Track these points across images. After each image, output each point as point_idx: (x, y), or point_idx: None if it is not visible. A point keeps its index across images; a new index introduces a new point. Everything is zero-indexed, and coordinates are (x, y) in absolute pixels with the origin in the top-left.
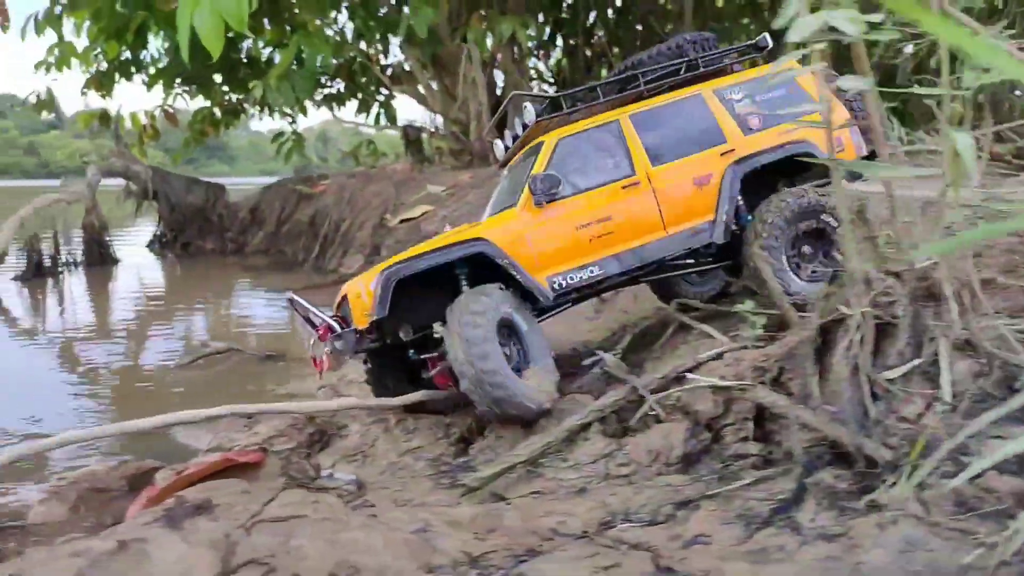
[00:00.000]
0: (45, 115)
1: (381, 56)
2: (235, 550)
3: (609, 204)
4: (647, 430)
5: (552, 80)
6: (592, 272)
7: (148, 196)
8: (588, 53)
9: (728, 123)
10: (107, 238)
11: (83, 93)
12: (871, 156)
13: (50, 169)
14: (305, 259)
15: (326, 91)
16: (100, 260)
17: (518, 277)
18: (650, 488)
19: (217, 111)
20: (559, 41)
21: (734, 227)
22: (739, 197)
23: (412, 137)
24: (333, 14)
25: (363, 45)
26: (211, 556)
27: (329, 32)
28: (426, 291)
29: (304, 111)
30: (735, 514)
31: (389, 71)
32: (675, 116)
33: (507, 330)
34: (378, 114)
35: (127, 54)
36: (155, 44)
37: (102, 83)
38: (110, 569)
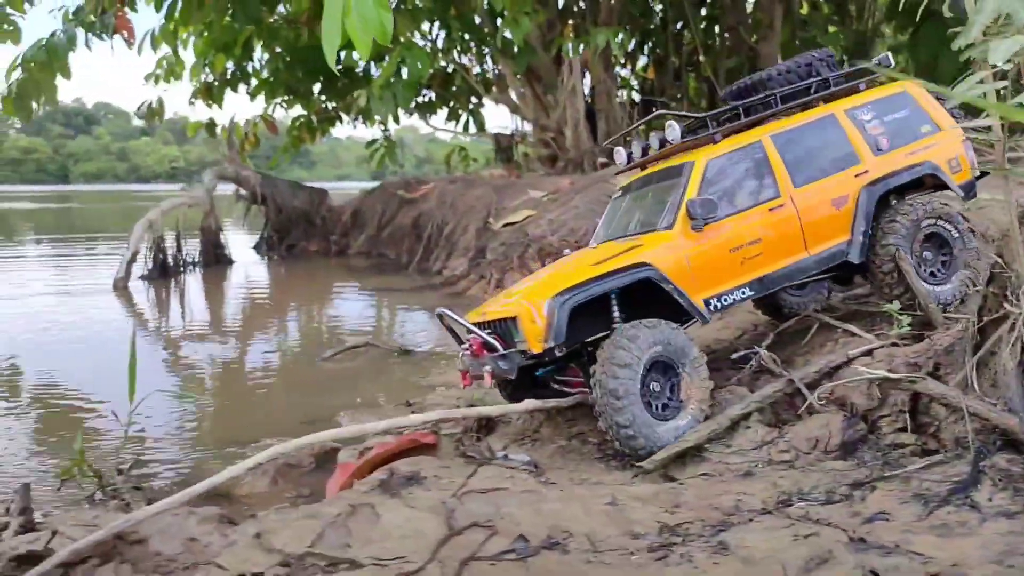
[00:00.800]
0: (156, 122)
1: (473, 66)
2: (454, 515)
3: (758, 226)
4: (805, 420)
5: (638, 88)
6: (744, 292)
7: (257, 200)
8: (676, 61)
9: (860, 144)
10: (223, 240)
11: (191, 103)
12: (983, 173)
13: (140, 174)
14: (409, 261)
15: (417, 100)
16: (216, 261)
17: (681, 301)
18: (815, 472)
19: (314, 119)
20: (645, 50)
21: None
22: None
23: (503, 144)
24: (426, 25)
25: (456, 55)
26: (435, 519)
27: (420, 42)
28: (578, 310)
29: (397, 119)
30: (911, 494)
31: (482, 80)
32: (812, 136)
33: (662, 366)
34: (467, 122)
35: (230, 65)
36: (258, 56)
37: (211, 94)
38: (347, 527)
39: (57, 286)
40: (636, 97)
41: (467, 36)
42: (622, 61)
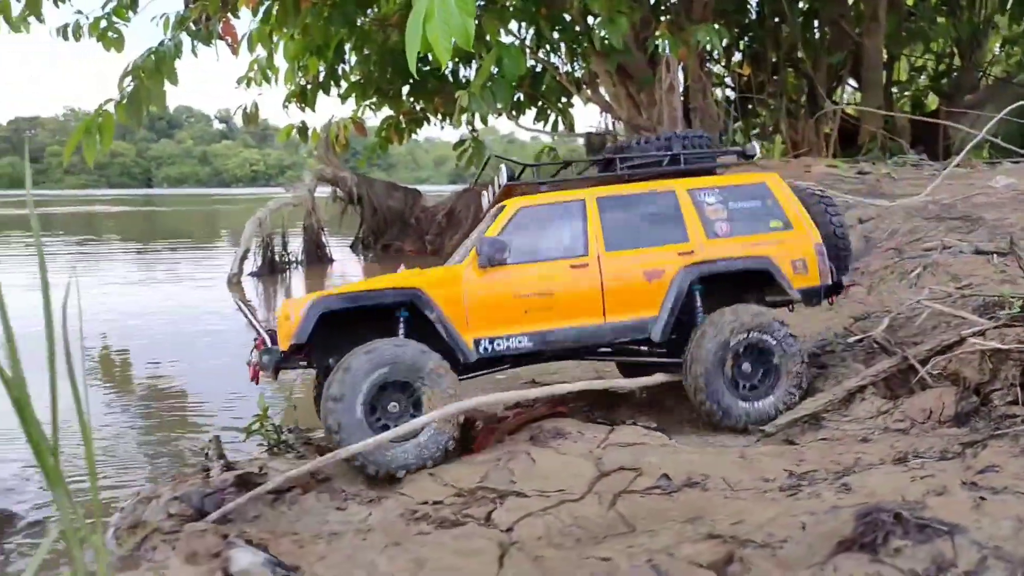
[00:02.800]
0: (252, 127)
1: (564, 64)
2: (602, 461)
3: (553, 279)
4: (919, 393)
5: (732, 85)
6: (520, 342)
7: (353, 201)
8: (774, 57)
9: (694, 224)
10: (323, 239)
11: (284, 107)
12: (837, 286)
13: (221, 178)
14: None
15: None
16: (318, 259)
17: (442, 333)
18: (930, 437)
19: (402, 120)
20: (741, 46)
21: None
22: (699, 300)
23: (596, 144)
24: (514, 24)
25: (545, 54)
26: (585, 463)
27: (507, 40)
28: (366, 325)
29: (485, 120)
30: (1021, 450)
31: (572, 79)
32: (643, 206)
33: (397, 385)
34: (555, 121)
35: (322, 69)
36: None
37: (304, 97)
38: (508, 469)
39: (177, 282)
40: (730, 95)
41: (558, 35)
42: (716, 57)
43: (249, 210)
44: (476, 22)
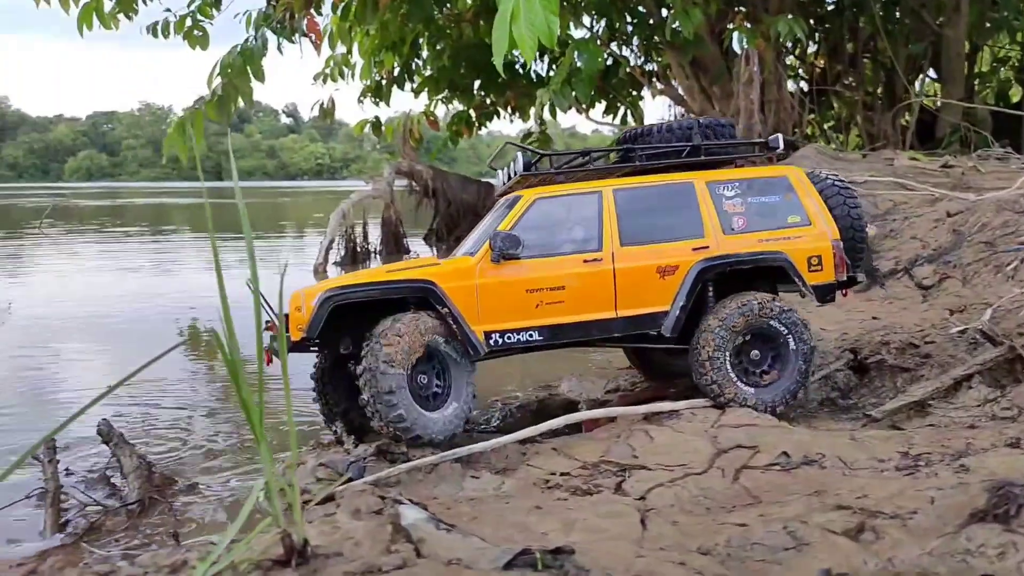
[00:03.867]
0: (328, 122)
1: (636, 57)
2: (718, 439)
3: (566, 274)
4: None
5: (806, 77)
6: (531, 336)
7: (428, 193)
8: (851, 48)
9: (710, 218)
10: (402, 230)
11: (359, 102)
12: (852, 280)
13: (287, 171)
14: None
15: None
16: (396, 249)
17: (454, 326)
18: None
19: (472, 114)
20: (816, 37)
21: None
22: (711, 291)
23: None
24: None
25: (617, 47)
26: (702, 440)
27: (577, 34)
28: (377, 312)
29: (554, 114)
30: None
31: (643, 72)
32: (661, 199)
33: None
34: (624, 115)
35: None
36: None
37: (379, 92)
38: (628, 445)
39: (267, 272)
40: (804, 87)
41: (631, 28)
42: (791, 48)
43: (317, 203)
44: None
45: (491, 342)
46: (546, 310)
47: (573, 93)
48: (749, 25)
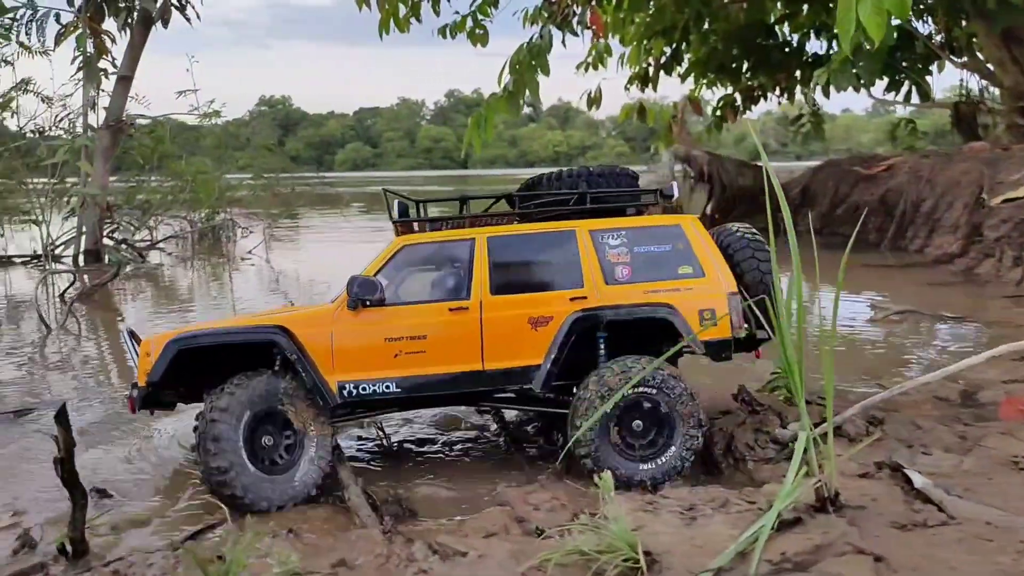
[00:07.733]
0: (595, 109)
1: (932, 29)
2: None
3: (428, 323)
4: None
5: None
6: (388, 387)
7: (704, 179)
8: None
9: (591, 268)
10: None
11: (626, 89)
12: (751, 339)
13: (526, 159)
14: (879, 240)
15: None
16: None
17: (303, 375)
18: None
19: (737, 97)
20: None
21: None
22: (603, 348)
23: (966, 115)
24: None
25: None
26: None
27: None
28: (242, 358)
29: (827, 94)
30: None
31: (942, 44)
32: (540, 247)
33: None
34: (909, 92)
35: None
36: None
37: (646, 79)
38: None
39: None
40: None
41: None
42: None
43: None
44: None
45: (344, 393)
46: (405, 360)
47: (854, 71)
48: None
